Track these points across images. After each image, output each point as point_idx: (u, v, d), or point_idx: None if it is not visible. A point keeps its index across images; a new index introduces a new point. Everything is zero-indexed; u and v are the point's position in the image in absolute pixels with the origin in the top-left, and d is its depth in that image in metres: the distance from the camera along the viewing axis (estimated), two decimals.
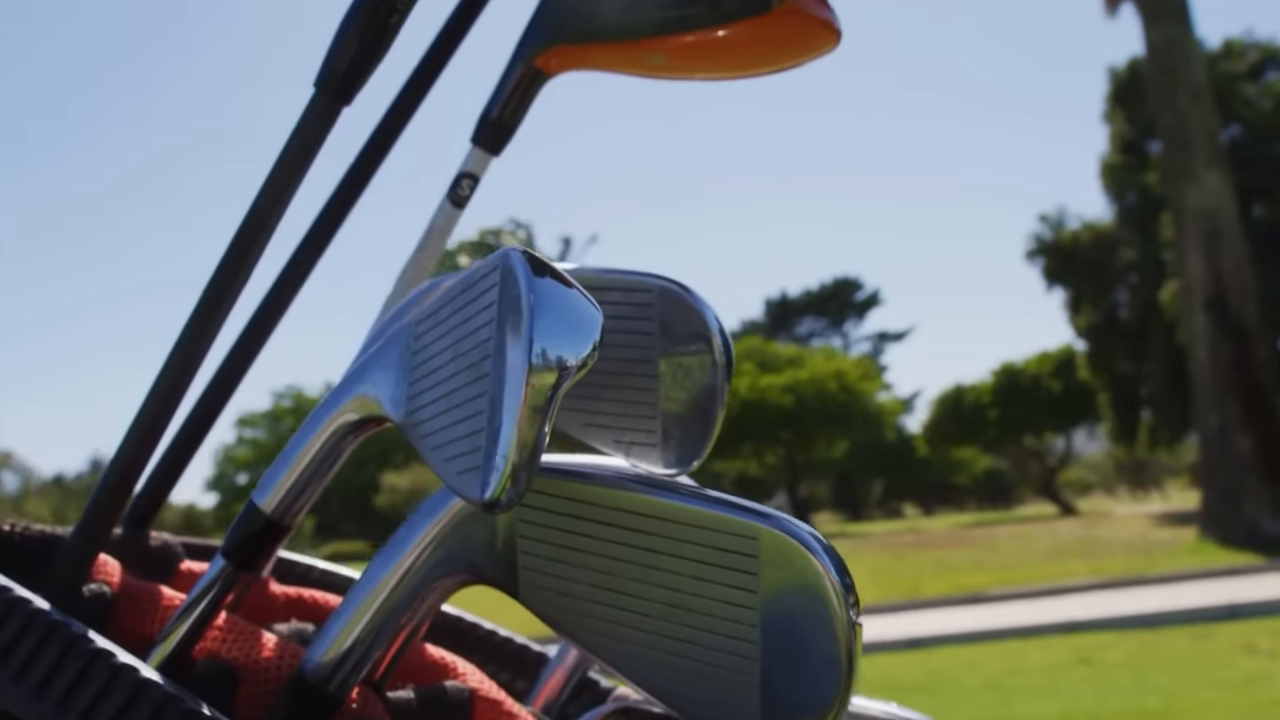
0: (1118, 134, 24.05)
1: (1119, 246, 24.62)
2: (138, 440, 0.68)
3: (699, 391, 0.66)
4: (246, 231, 0.67)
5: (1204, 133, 15.87)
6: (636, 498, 0.52)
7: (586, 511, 0.54)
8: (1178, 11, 16.11)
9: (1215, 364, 15.26)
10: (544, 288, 0.49)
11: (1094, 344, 25.77)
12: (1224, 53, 23.43)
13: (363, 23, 0.65)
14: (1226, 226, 15.52)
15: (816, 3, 0.79)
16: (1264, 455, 14.80)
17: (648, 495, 0.52)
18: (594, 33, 0.83)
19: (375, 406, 0.60)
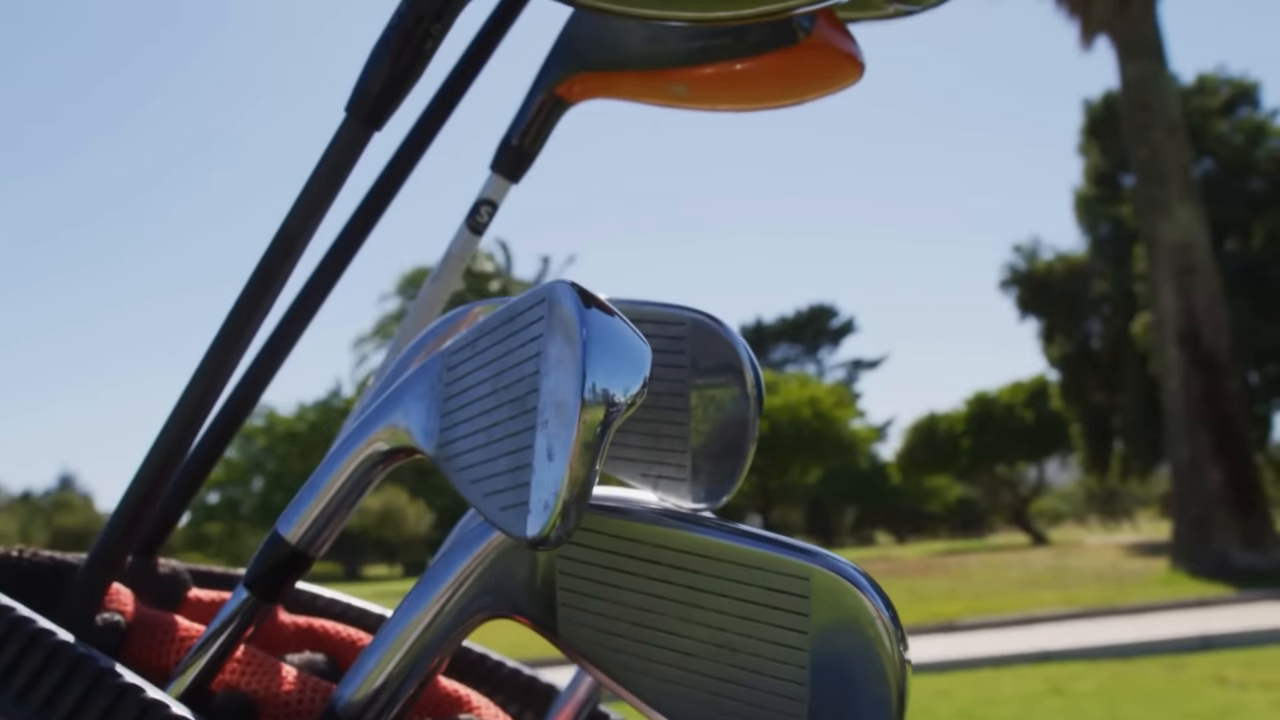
0: (1092, 166, 24.27)
1: (1092, 278, 24.82)
2: (156, 466, 0.67)
3: (730, 426, 0.65)
4: (273, 256, 0.66)
5: (1177, 167, 16.02)
6: (683, 535, 0.52)
7: (630, 549, 0.53)
8: (1152, 47, 16.28)
9: (1187, 396, 15.37)
10: (595, 320, 0.48)
11: (1067, 374, 25.93)
12: (1197, 88, 23.71)
13: (396, 48, 0.64)
14: (1199, 260, 15.65)
15: (841, 36, 0.79)
16: (1234, 488, 14.89)
17: (694, 533, 0.52)
18: (617, 61, 0.82)
19: (406, 437, 0.59)
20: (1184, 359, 15.46)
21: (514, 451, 0.50)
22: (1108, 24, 16.36)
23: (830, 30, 0.78)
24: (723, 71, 0.79)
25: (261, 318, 0.67)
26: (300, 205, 0.66)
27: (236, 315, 0.66)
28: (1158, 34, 16.30)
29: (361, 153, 0.66)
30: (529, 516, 0.48)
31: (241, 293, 0.66)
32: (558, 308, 0.49)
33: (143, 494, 0.68)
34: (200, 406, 0.67)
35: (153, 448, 0.68)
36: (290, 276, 0.67)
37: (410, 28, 0.64)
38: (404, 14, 0.64)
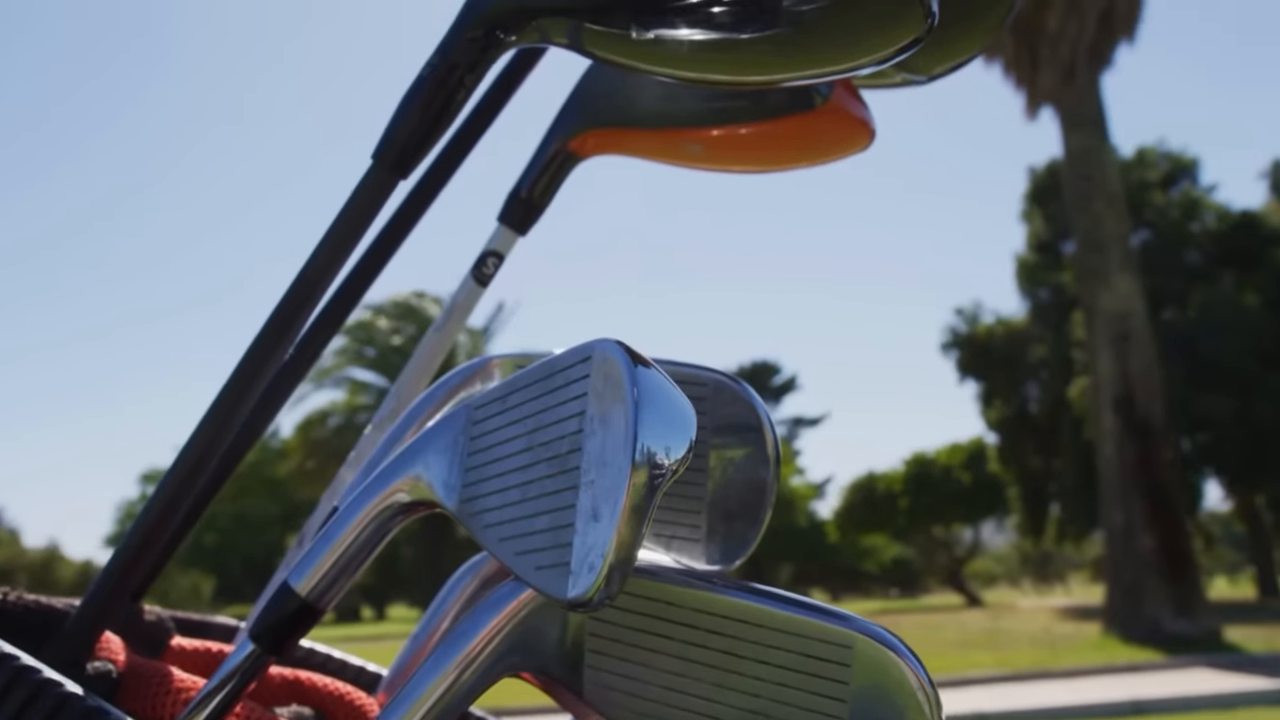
0: (1034, 233, 24.71)
1: (1031, 343, 25.18)
2: (159, 513, 0.65)
3: (747, 487, 0.65)
4: (292, 300, 0.65)
5: (1117, 237, 16.35)
6: (722, 599, 0.51)
7: (666, 611, 0.52)
8: (1094, 120, 16.66)
9: (1122, 462, 15.58)
10: (646, 381, 0.48)
11: (1005, 437, 26.22)
12: (1137, 161, 24.27)
13: (428, 97, 0.64)
14: (1136, 329, 15.94)
15: (855, 102, 0.80)
16: (1167, 554, 15.08)
17: (734, 597, 0.51)
18: (632, 118, 0.83)
19: (427, 490, 0.58)
20: (1119, 425, 15.69)
21: (553, 510, 0.49)
22: (1052, 96, 16.71)
23: (846, 96, 0.79)
24: (739, 133, 0.79)
25: (276, 365, 0.66)
26: (321, 251, 0.65)
27: (251, 360, 0.65)
28: (1100, 107, 16.69)
29: (385, 201, 0.65)
30: (571, 577, 0.47)
31: (257, 338, 0.65)
32: (606, 366, 0.49)
33: (142, 540, 0.66)
34: (207, 452, 0.66)
35: (155, 494, 0.66)
36: (307, 322, 0.66)
37: (444, 77, 0.64)
38: (437, 64, 0.64)
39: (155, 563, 0.79)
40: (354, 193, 0.65)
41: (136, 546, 0.65)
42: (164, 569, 0.81)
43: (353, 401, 25.58)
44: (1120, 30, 16.24)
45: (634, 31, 0.59)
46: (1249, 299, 21.59)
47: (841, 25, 0.58)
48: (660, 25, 0.59)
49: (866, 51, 0.60)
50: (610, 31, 0.60)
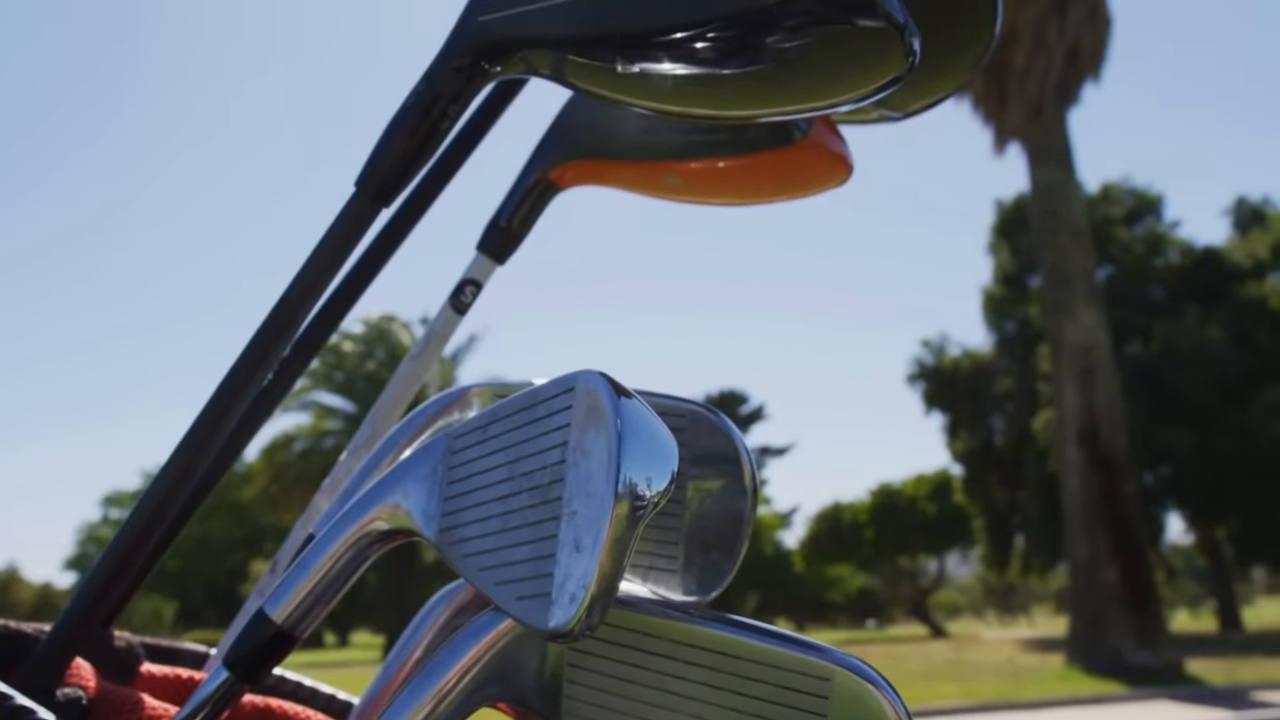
0: (1000, 266, 24.92)
1: (997, 375, 25.35)
2: (132, 540, 0.65)
3: (725, 519, 0.65)
4: (271, 326, 0.65)
5: (1082, 272, 16.52)
6: (699, 631, 0.51)
7: (644, 643, 0.52)
8: (1061, 156, 16.86)
9: (1086, 495, 15.69)
10: (629, 412, 0.48)
11: (970, 469, 26.35)
12: (1102, 197, 24.56)
13: (412, 126, 0.64)
14: (1100, 362, 16.08)
15: (834, 137, 0.81)
16: (1129, 586, 15.18)
17: (713, 629, 0.51)
18: (613, 150, 0.83)
19: (406, 519, 0.58)
20: (1083, 458, 15.80)
21: (534, 541, 0.49)
22: (1020, 132, 16.90)
23: (825, 131, 0.80)
24: (718, 167, 0.80)
25: (255, 390, 0.66)
26: (302, 278, 0.65)
27: (230, 384, 0.65)
28: (1067, 144, 16.89)
29: (368, 228, 0.66)
30: (552, 608, 0.47)
31: (237, 362, 0.65)
32: (589, 397, 0.49)
33: (116, 565, 0.65)
34: (184, 477, 0.66)
35: (130, 519, 0.66)
36: (286, 349, 0.66)
37: (428, 106, 0.64)
38: (421, 93, 0.64)
39: (128, 588, 0.79)
40: (336, 220, 0.65)
41: (110, 571, 0.65)
42: (133, 596, 0.80)
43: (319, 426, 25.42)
44: (1086, 68, 16.45)
45: (619, 65, 0.60)
46: (1211, 334, 21.84)
47: (823, 62, 0.59)
48: (645, 59, 0.59)
49: (847, 89, 0.60)
50: (595, 64, 0.61)
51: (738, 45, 0.58)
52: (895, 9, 0.57)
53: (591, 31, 0.60)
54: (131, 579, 0.78)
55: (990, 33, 0.81)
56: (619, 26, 0.59)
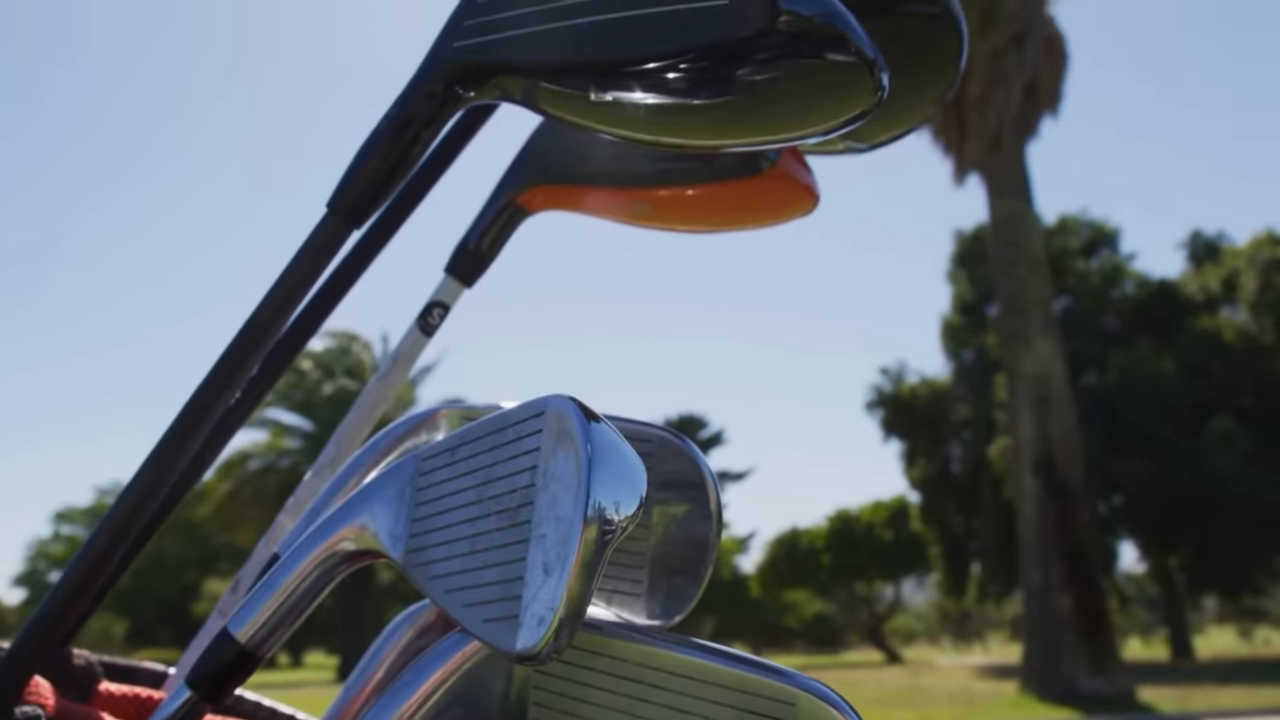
0: (959, 295, 25.15)
1: (954, 403, 25.54)
2: (98, 555, 0.65)
3: (689, 543, 0.66)
4: (239, 347, 0.65)
5: (1039, 302, 16.70)
6: (665, 654, 0.52)
7: (610, 666, 0.53)
8: (1019, 188, 17.06)
9: (1041, 523, 15.81)
10: (599, 437, 0.49)
11: (927, 496, 26.49)
12: (1060, 229, 24.85)
13: (384, 149, 0.65)
14: (1056, 392, 16.24)
15: (801, 168, 0.82)
16: (1083, 614, 15.30)
17: (679, 653, 0.52)
18: (582, 175, 0.84)
19: (373, 540, 0.58)
20: (1039, 487, 15.94)
21: (502, 564, 0.50)
22: (979, 163, 17.09)
23: (792, 162, 0.81)
24: (687, 195, 0.81)
25: (222, 410, 0.66)
26: (271, 299, 0.65)
27: (197, 404, 0.65)
28: (1025, 176, 17.09)
29: (339, 250, 0.66)
30: (520, 630, 0.47)
31: (203, 383, 0.65)
32: (559, 421, 0.50)
33: (79, 583, 0.65)
34: (149, 495, 0.66)
35: (94, 536, 0.65)
36: (253, 370, 0.66)
37: (401, 130, 0.64)
38: (395, 117, 0.65)
39: (88, 606, 0.78)
40: (307, 240, 0.65)
41: (72, 589, 0.65)
42: (93, 613, 0.80)
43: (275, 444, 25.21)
44: (1044, 102, 16.67)
45: (592, 93, 0.60)
46: (1165, 365, 22.11)
47: (794, 95, 0.60)
48: (618, 88, 0.60)
49: (817, 122, 0.61)
50: (569, 92, 0.61)
51: (710, 77, 0.59)
52: (865, 44, 0.58)
53: (566, 60, 0.61)
54: (92, 597, 0.77)
55: (955, 69, 0.82)
56: (594, 56, 0.59)
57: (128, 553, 0.78)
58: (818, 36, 0.58)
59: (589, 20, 0.59)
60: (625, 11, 0.58)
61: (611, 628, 0.54)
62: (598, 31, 0.59)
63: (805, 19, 0.57)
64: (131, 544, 0.77)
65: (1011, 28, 16.04)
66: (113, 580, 0.78)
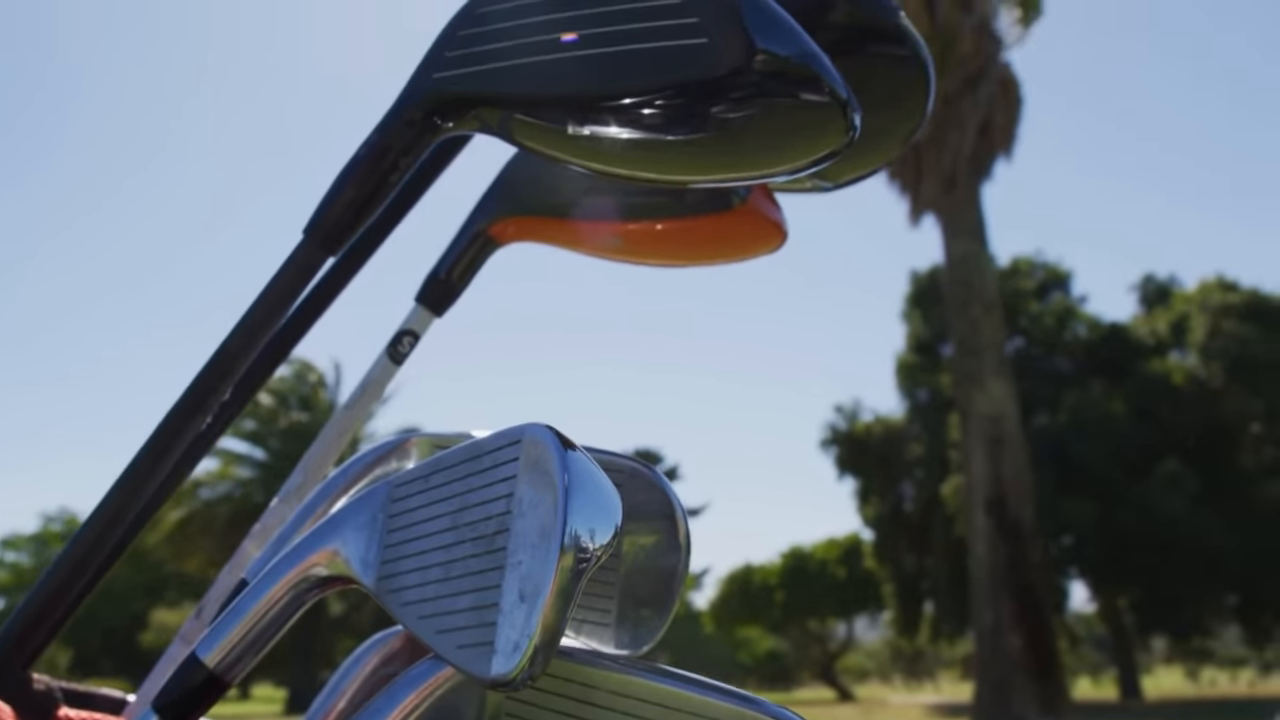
0: (914, 334, 25.36)
1: (908, 442, 25.69)
2: (63, 579, 0.64)
3: (658, 574, 0.66)
4: (211, 372, 0.65)
5: (993, 343, 16.89)
6: (638, 682, 0.52)
7: (582, 693, 0.53)
8: (974, 229, 17.27)
9: (993, 562, 15.92)
10: (576, 466, 0.49)
11: (880, 534, 26.59)
12: (1013, 271, 25.15)
13: (361, 175, 0.65)
14: (1009, 432, 16.40)
15: (770, 204, 0.83)
16: (1033, 653, 15.39)
17: (650, 680, 0.52)
18: (554, 207, 0.85)
19: (344, 566, 0.58)
20: (991, 526, 16.06)
21: (477, 590, 0.50)
22: (935, 204, 17.30)
23: (762, 198, 0.82)
24: (658, 229, 0.82)
25: (192, 435, 0.66)
26: (245, 324, 0.65)
27: (167, 429, 0.65)
28: (980, 217, 17.32)
29: (314, 276, 0.66)
30: (494, 656, 0.48)
31: (173, 408, 0.65)
32: (536, 449, 0.50)
33: (42, 607, 0.65)
34: (116, 519, 0.65)
35: (60, 560, 0.65)
36: (225, 395, 0.66)
37: (378, 157, 0.65)
38: (374, 144, 0.65)
39: (50, 631, 0.77)
40: (283, 266, 0.66)
41: (35, 613, 0.64)
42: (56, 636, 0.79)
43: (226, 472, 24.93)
44: (999, 144, 16.91)
45: (570, 127, 0.61)
46: (1116, 408, 22.38)
47: (767, 133, 0.61)
48: (595, 122, 0.61)
49: (790, 159, 0.63)
50: (546, 125, 0.62)
51: (686, 113, 0.60)
52: (839, 85, 0.60)
53: (546, 93, 0.62)
54: (56, 620, 0.77)
55: (922, 111, 0.84)
56: (573, 90, 0.60)
57: (93, 576, 0.77)
58: (793, 76, 0.59)
59: (569, 55, 0.60)
60: (606, 47, 0.59)
61: (584, 654, 0.55)
62: (578, 66, 0.60)
63: (781, 59, 0.59)
64: (97, 567, 0.76)
65: (966, 70, 16.28)
66: (76, 604, 0.78)
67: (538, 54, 0.61)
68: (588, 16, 0.60)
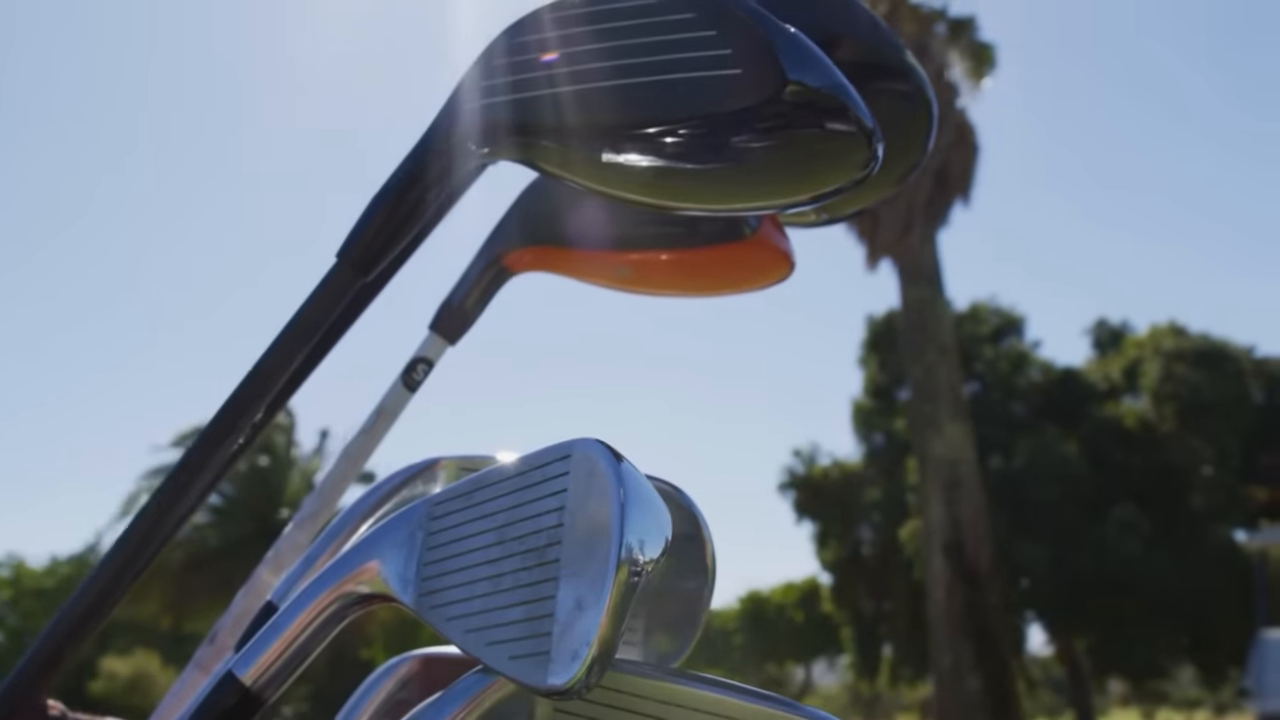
0: (871, 379, 25.52)
1: (866, 485, 25.78)
2: (93, 600, 0.64)
3: (686, 593, 0.68)
4: (245, 393, 0.66)
5: (949, 387, 17.03)
6: (687, 691, 0.53)
7: (632, 703, 0.54)
8: (931, 274, 17.46)
9: (950, 606, 15.97)
10: (630, 479, 0.50)
11: (838, 578, 26.60)
12: (970, 315, 25.40)
13: (395, 200, 0.66)
14: (966, 476, 16.51)
15: (779, 234, 0.85)
16: (992, 696, 15.43)
17: (701, 690, 0.53)
18: (568, 238, 0.86)
19: (383, 584, 0.59)
20: (949, 569, 16.12)
21: (529, 602, 0.51)
22: (891, 249, 17.48)
23: (772, 229, 0.84)
24: (671, 258, 0.83)
25: (223, 459, 0.66)
26: (279, 345, 0.66)
27: (202, 448, 0.65)
28: (936, 262, 17.51)
29: (346, 299, 0.67)
30: (551, 665, 0.49)
31: (206, 430, 0.66)
32: (589, 463, 0.51)
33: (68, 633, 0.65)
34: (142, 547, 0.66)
35: (89, 582, 0.65)
36: (257, 416, 0.67)
37: (412, 183, 0.66)
38: (408, 170, 0.66)
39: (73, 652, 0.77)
40: (316, 289, 0.67)
41: (65, 634, 0.64)
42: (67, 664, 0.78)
43: None
44: (955, 190, 17.15)
45: (604, 155, 0.63)
46: (1070, 451, 22.59)
47: (793, 162, 0.63)
48: (630, 151, 0.63)
49: (811, 188, 0.65)
50: (579, 153, 0.64)
51: (717, 142, 0.62)
52: (865, 115, 0.62)
53: (580, 122, 0.63)
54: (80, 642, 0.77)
55: (923, 148, 0.87)
56: (608, 119, 0.62)
57: (121, 594, 0.78)
58: (823, 106, 0.61)
59: (605, 85, 0.62)
60: (641, 77, 0.61)
61: (634, 666, 0.56)
62: (614, 95, 0.62)
63: (813, 90, 0.61)
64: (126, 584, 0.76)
65: None
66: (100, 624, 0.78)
67: (574, 83, 0.63)
68: (624, 47, 0.62)
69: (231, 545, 21.09)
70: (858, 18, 0.82)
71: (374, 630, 20.47)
